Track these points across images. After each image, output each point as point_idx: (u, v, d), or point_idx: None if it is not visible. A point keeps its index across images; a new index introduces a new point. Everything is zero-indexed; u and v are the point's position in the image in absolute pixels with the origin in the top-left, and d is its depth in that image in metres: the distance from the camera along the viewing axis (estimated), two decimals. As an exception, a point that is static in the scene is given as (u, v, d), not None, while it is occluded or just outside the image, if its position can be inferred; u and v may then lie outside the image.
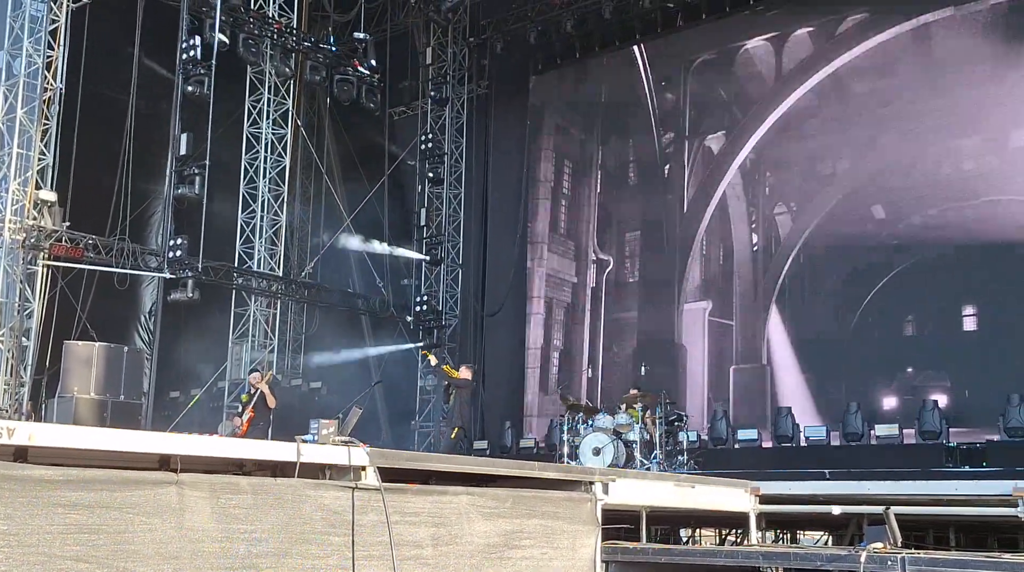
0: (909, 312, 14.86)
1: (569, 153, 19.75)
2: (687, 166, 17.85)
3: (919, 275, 14.66)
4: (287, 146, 17.90)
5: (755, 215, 17.03)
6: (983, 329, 14.14)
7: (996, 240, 13.93)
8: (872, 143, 15.55)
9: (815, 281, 15.95)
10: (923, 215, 14.89)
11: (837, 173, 15.87)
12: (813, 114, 16.38)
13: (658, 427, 12.54)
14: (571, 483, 6.87)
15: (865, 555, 6.11)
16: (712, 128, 17.79)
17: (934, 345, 14.51)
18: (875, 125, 15.51)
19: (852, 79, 16.07)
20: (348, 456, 5.39)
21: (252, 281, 17.26)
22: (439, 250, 20.09)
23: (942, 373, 14.08)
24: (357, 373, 18.17)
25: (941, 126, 14.81)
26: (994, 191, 14.34)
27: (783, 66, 16.91)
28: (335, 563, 4.99)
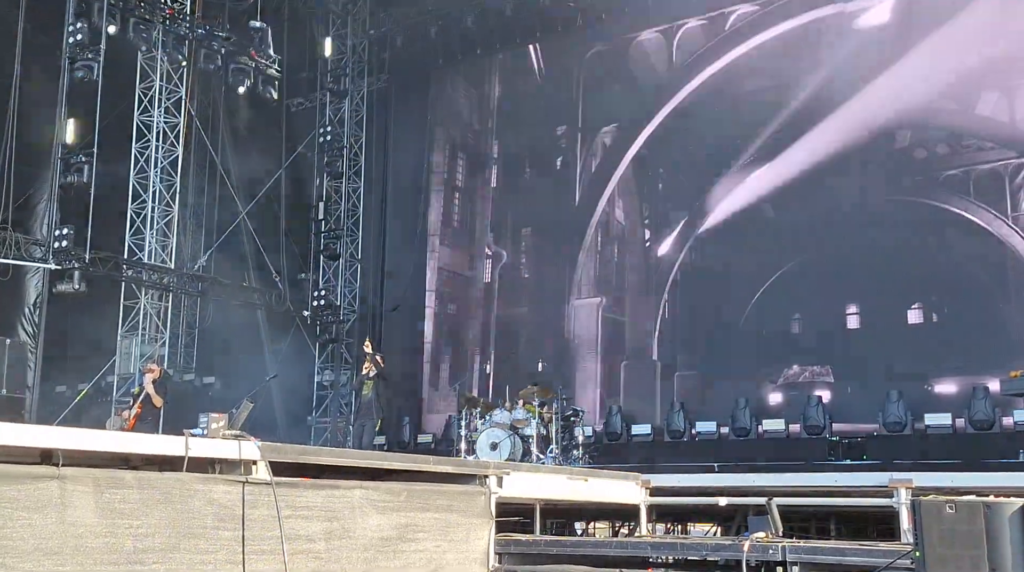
0: (795, 310, 15.41)
1: (464, 146, 19.77)
2: (579, 160, 18.03)
3: (805, 274, 15.17)
4: (179, 135, 17.38)
5: (647, 211, 17.35)
6: (865, 327, 14.76)
7: (879, 239, 14.56)
8: (764, 141, 15.92)
9: (705, 278, 16.30)
10: (810, 214, 15.42)
11: (729, 170, 16.24)
12: (706, 109, 16.69)
13: (554, 422, 12.72)
14: (466, 477, 6.93)
15: (748, 544, 6.36)
16: (605, 121, 17.92)
17: (819, 342, 15.04)
18: (766, 122, 15.84)
19: (744, 75, 16.38)
20: (239, 450, 5.34)
21: (142, 273, 16.72)
22: (337, 245, 19.87)
23: (826, 369, 14.66)
24: (252, 368, 17.82)
25: (832, 124, 15.14)
26: (880, 191, 14.87)
27: (675, 59, 17.21)
28: (224, 558, 4.93)
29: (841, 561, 6.06)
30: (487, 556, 6.72)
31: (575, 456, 12.81)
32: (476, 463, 7.60)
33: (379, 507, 5.92)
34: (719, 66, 16.39)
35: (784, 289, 15.20)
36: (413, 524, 6.13)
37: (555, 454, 12.42)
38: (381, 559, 5.85)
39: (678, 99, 16.77)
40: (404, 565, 6.00)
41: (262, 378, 15.59)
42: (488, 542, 6.73)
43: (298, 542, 5.37)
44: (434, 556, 6.23)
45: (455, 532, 6.47)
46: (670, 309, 16.40)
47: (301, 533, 5.40)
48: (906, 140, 14.77)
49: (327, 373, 19.64)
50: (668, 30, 17.21)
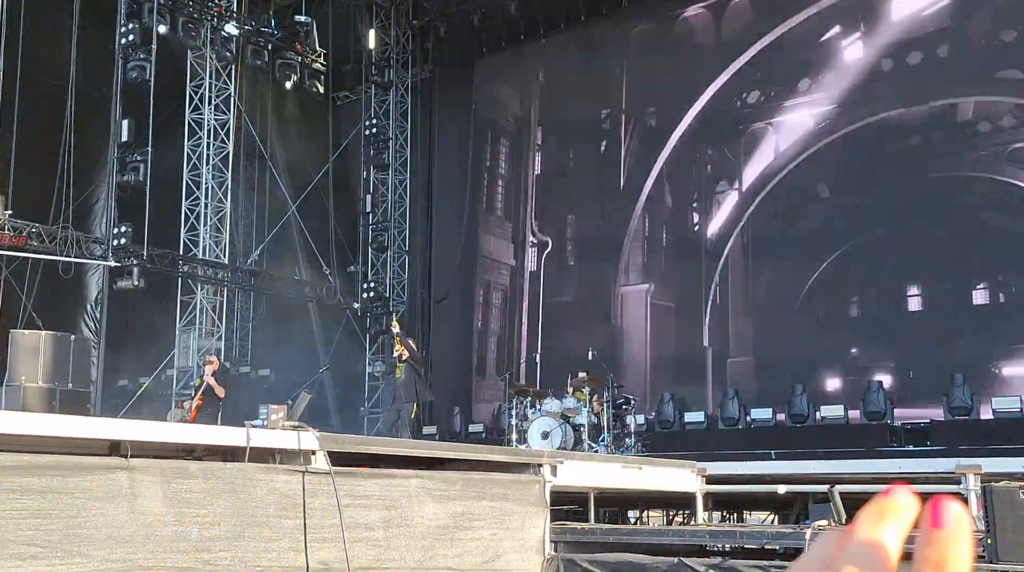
0: (854, 293, 15.12)
1: (507, 133, 19.71)
2: (624, 142, 17.87)
3: (864, 255, 14.83)
4: (230, 132, 17.65)
5: (696, 193, 17.12)
6: (927, 309, 14.45)
7: (941, 219, 14.22)
8: (817, 115, 15.62)
9: (758, 261, 16.07)
10: (869, 193, 15.09)
11: (780, 149, 15.98)
12: (755, 86, 16.43)
13: (605, 411, 12.69)
14: (520, 466, 6.98)
15: (810, 532, 6.31)
16: (650, 102, 17.71)
17: (879, 325, 14.73)
18: (819, 97, 15.52)
19: (794, 48, 16.06)
20: (298, 440, 5.43)
21: (198, 269, 17.04)
22: (385, 236, 20.01)
23: (887, 354, 14.38)
24: (305, 360, 18.06)
25: (889, 98, 14.79)
26: (941, 167, 14.53)
27: (723, 35, 16.95)
28: (287, 545, 5.03)
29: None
30: (543, 544, 6.75)
31: (627, 444, 12.78)
32: (530, 452, 7.64)
33: (435, 496, 5.99)
34: (768, 41, 16.07)
35: (841, 271, 14.90)
36: (469, 513, 6.18)
37: (607, 443, 12.40)
38: (439, 547, 5.91)
39: (726, 76, 16.48)
40: (461, 553, 6.06)
41: (315, 370, 15.84)
42: (543, 530, 6.77)
43: (357, 530, 5.45)
44: (490, 544, 6.28)
45: (511, 520, 6.52)
46: (720, 294, 16.20)
47: (360, 521, 5.48)
48: (969, 113, 14.34)
49: (378, 364, 19.81)
50: (715, 5, 16.95)
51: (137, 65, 15.48)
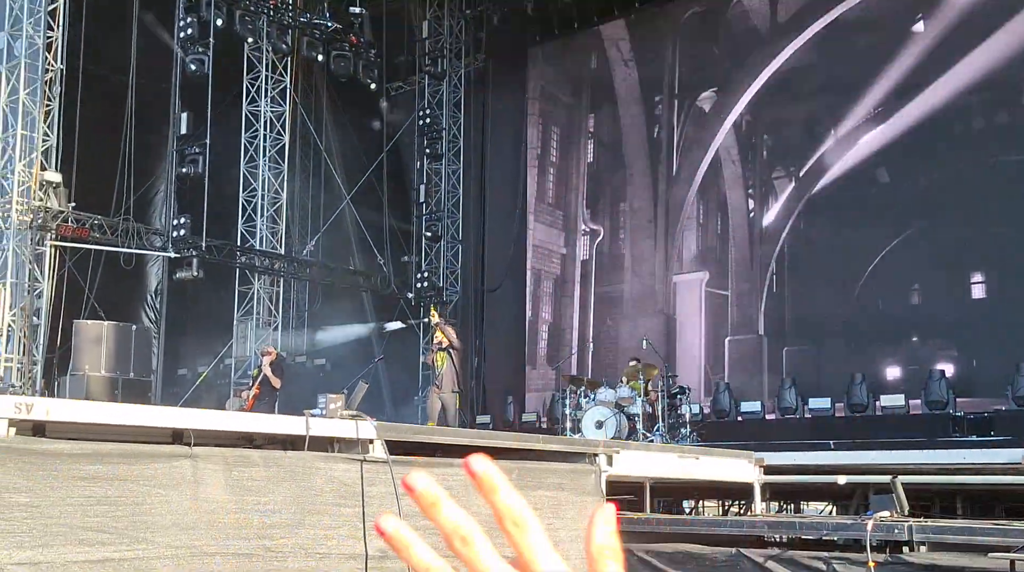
0: (915, 280, 14.77)
1: (558, 122, 19.59)
2: (677, 128, 17.65)
3: (925, 241, 14.46)
4: (285, 124, 17.86)
5: (751, 179, 16.84)
6: (991, 297, 14.06)
7: (1005, 204, 13.80)
8: (876, 100, 15.25)
9: (815, 248, 15.79)
10: (930, 177, 14.70)
11: (839, 134, 15.67)
12: (812, 70, 16.11)
13: (660, 400, 12.61)
14: (575, 455, 6.94)
15: (872, 523, 6.17)
16: (703, 86, 17.45)
17: (941, 314, 14.36)
18: (877, 80, 15.16)
19: (853, 30, 15.67)
20: (356, 429, 5.47)
21: (255, 259, 17.29)
22: (438, 226, 20.09)
23: (949, 342, 14.03)
24: (359, 349, 18.23)
25: (950, 80, 14.38)
26: (1005, 151, 14.10)
27: (778, 16, 16.64)
28: (347, 533, 5.07)
29: (971, 541, 5.83)
30: (600, 534, 6.71)
31: (683, 434, 12.68)
32: (586, 441, 7.61)
33: (492, 485, 5.97)
34: (826, 21, 15.73)
35: (901, 258, 14.53)
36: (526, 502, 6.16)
37: (662, 432, 12.32)
38: (495, 536, 5.90)
39: (781, 59, 16.16)
40: (518, 542, 6.05)
41: (369, 359, 15.97)
42: (600, 520, 6.72)
43: (415, 519, 5.39)
44: (548, 533, 6.24)
45: (567, 510, 6.49)
46: (777, 282, 15.96)
47: (417, 510, 5.47)
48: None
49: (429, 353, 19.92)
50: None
51: (196, 58, 15.73)
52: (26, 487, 3.89)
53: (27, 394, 12.18)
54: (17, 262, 13.64)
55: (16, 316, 13.43)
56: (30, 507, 3.89)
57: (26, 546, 3.85)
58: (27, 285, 13.62)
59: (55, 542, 3.94)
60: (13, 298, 13.43)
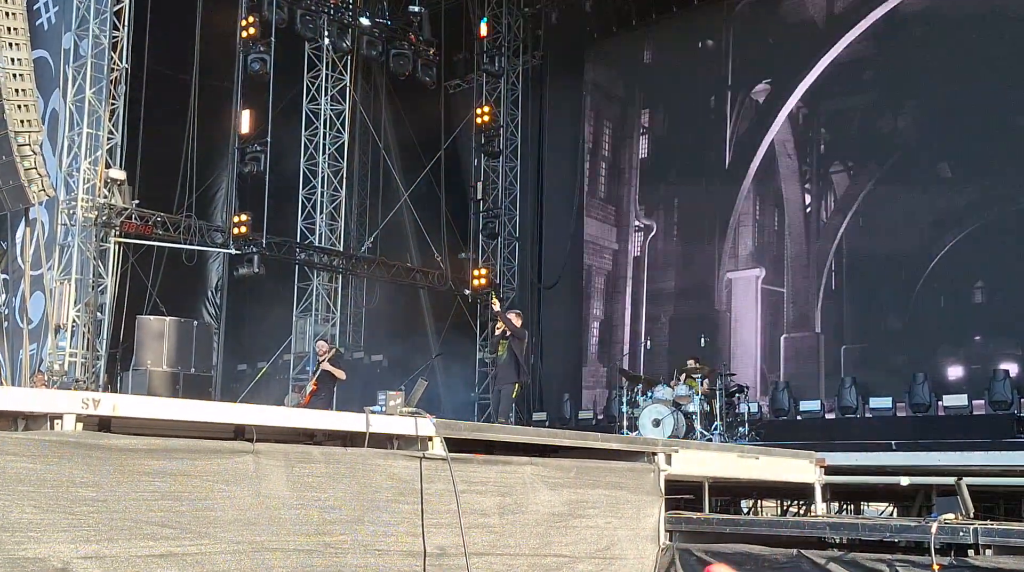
0: (978, 277, 14.36)
1: (612, 117, 19.42)
2: (730, 121, 17.36)
3: (989, 238, 14.02)
4: (345, 122, 18.05)
5: (808, 174, 16.50)
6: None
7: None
8: (937, 93, 14.89)
9: (874, 245, 15.39)
10: (994, 172, 14.27)
11: (899, 127, 15.25)
12: (871, 61, 15.72)
13: (718, 398, 12.47)
14: (634, 454, 6.91)
15: (936, 526, 6.03)
16: (758, 78, 17.07)
17: (1004, 312, 13.94)
18: (940, 72, 14.74)
19: (912, 21, 15.21)
20: (415, 427, 5.50)
21: (314, 256, 17.52)
22: (496, 223, 20.12)
23: (1013, 341, 13.63)
24: (417, 346, 18.35)
25: (1014, 71, 13.84)
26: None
27: (835, 7, 16.27)
28: (405, 530, 5.10)
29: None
30: (658, 533, 6.68)
31: (740, 433, 12.53)
32: (644, 440, 7.57)
33: (550, 483, 5.98)
34: (884, 11, 15.35)
35: (964, 254, 14.14)
36: (583, 500, 6.15)
37: (720, 431, 12.18)
38: (553, 534, 5.91)
39: (838, 50, 15.80)
40: (576, 541, 6.05)
41: (427, 356, 16.06)
42: (658, 519, 6.69)
43: (473, 516, 5.49)
44: (605, 532, 6.24)
45: (625, 509, 6.46)
46: (835, 278, 15.65)
47: (476, 508, 5.52)
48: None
49: (487, 350, 19.98)
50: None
51: (257, 58, 15.97)
52: (92, 481, 3.98)
53: (91, 389, 12.51)
54: (81, 259, 14.01)
55: (80, 312, 13.79)
56: (96, 501, 3.97)
57: (92, 540, 3.94)
58: (91, 281, 13.99)
59: (119, 536, 4.02)
60: (78, 294, 13.79)
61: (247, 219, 15.91)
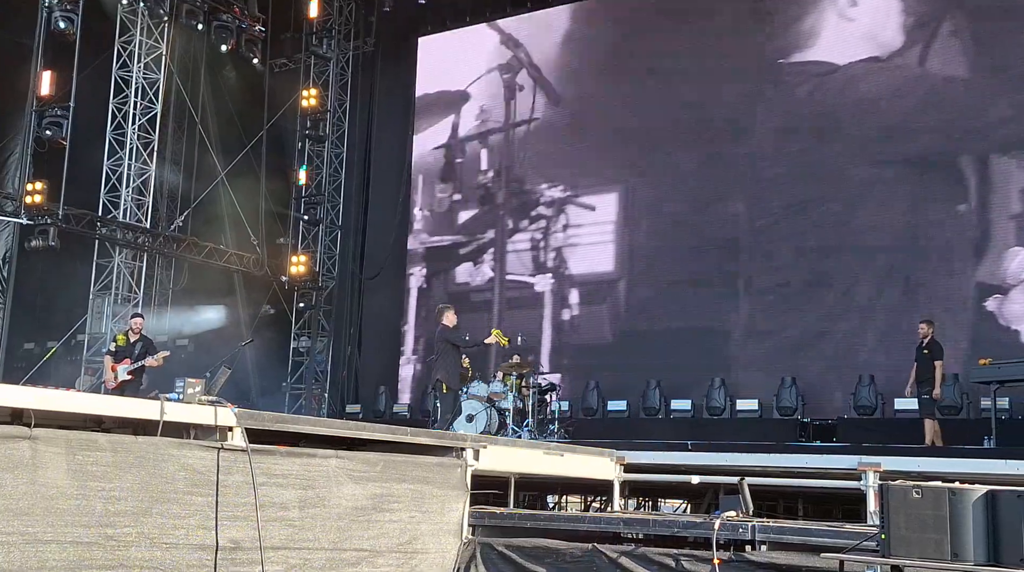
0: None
1: (442, 113, 19.22)
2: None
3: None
4: (159, 93, 17.07)
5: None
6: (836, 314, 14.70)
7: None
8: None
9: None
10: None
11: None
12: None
13: (531, 396, 12.72)
14: (443, 449, 6.93)
15: (719, 522, 6.41)
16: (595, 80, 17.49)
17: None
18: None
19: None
20: (215, 416, 5.30)
21: (117, 232, 16.50)
22: (318, 210, 19.70)
23: (800, 352, 14.63)
24: (227, 332, 17.69)
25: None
26: None
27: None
28: (197, 523, 4.90)
29: (807, 541, 6.13)
30: (461, 528, 6.73)
31: (551, 430, 12.83)
32: (454, 435, 7.59)
33: (355, 477, 5.91)
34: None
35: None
36: (388, 495, 6.12)
37: (531, 428, 12.43)
38: (355, 528, 5.84)
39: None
40: (377, 535, 6.00)
41: (237, 342, 15.48)
42: (462, 514, 6.74)
43: (272, 509, 5.35)
44: (408, 527, 6.23)
45: (430, 503, 6.48)
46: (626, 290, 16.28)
47: (275, 500, 5.38)
48: None
49: (303, 339, 19.55)
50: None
51: (64, 15, 14.87)
52: None
53: None
54: None
55: None
56: None
57: None
58: None
59: None
60: None
61: (42, 188, 14.80)
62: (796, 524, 6.81)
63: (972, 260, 13.58)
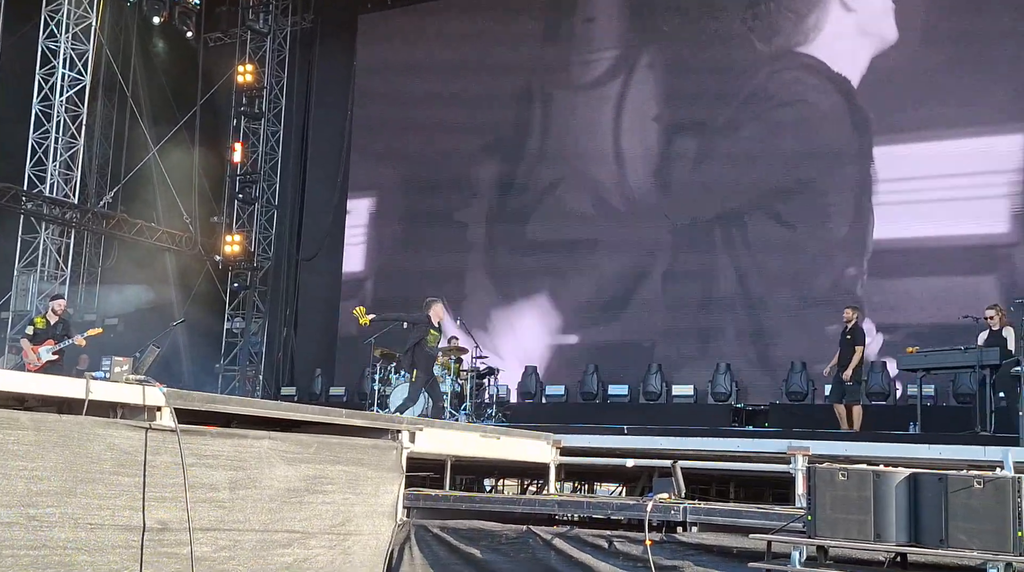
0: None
1: (379, 89, 18.97)
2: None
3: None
4: (88, 64, 16.53)
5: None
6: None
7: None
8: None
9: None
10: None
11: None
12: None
13: (469, 380, 12.70)
14: (378, 431, 6.88)
15: (651, 505, 6.49)
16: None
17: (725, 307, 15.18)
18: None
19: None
20: (142, 395, 5.19)
21: (43, 207, 15.99)
22: (253, 188, 19.35)
23: (737, 339, 14.88)
24: (158, 311, 17.30)
25: None
26: None
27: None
28: (124, 504, 4.80)
29: (737, 523, 6.24)
30: (395, 510, 6.70)
31: (488, 414, 12.84)
32: (389, 417, 7.55)
33: (287, 458, 5.83)
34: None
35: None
36: (322, 476, 6.05)
37: (468, 411, 12.42)
38: (286, 510, 5.77)
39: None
40: (310, 516, 5.94)
41: (168, 322, 15.16)
42: (397, 496, 6.71)
43: (201, 490, 5.26)
44: (341, 508, 6.18)
45: (364, 485, 6.43)
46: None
47: (205, 481, 5.29)
48: None
49: (237, 320, 19.23)
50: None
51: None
52: None
53: None
54: None
55: None
56: None
57: None
58: None
59: None
60: None
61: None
62: (726, 506, 6.94)
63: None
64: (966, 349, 9.92)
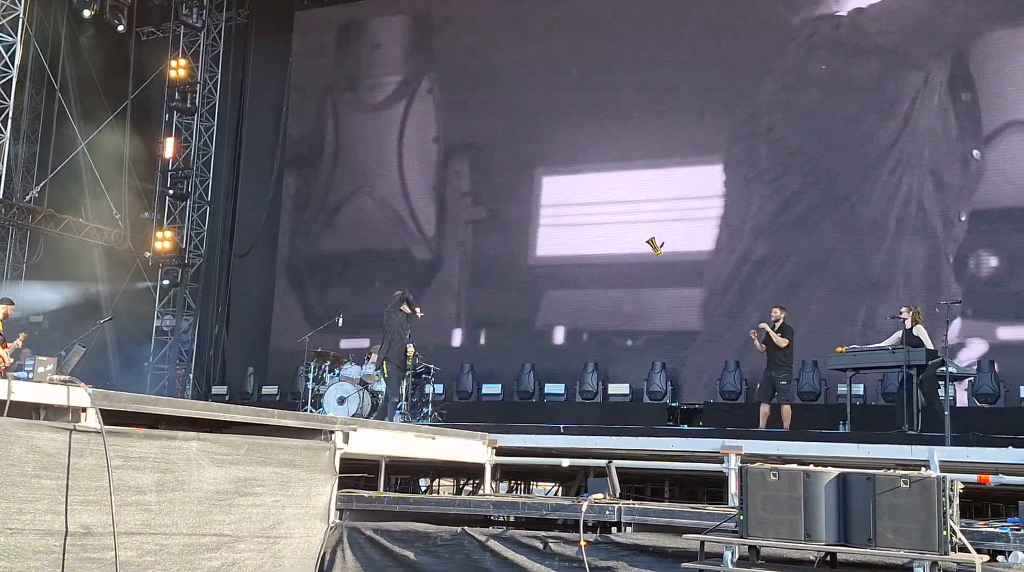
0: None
1: (321, 92, 18.76)
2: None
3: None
4: (15, 56, 16.00)
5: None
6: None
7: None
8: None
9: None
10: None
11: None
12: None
13: (406, 379, 12.60)
14: (311, 432, 6.79)
15: (586, 505, 6.52)
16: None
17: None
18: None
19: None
20: (67, 396, 5.05)
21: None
22: (185, 184, 18.96)
23: (672, 337, 15.02)
24: (85, 309, 16.86)
25: None
26: None
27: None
28: (46, 507, 4.66)
29: (671, 523, 6.30)
30: (328, 512, 6.62)
31: (424, 413, 12.76)
32: (322, 418, 7.45)
33: (217, 460, 5.72)
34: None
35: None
36: (252, 478, 5.95)
37: (403, 411, 12.33)
38: (216, 512, 5.66)
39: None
40: (239, 519, 5.83)
41: (96, 320, 14.79)
42: (330, 498, 6.63)
43: (127, 493, 5.13)
44: (272, 511, 6.08)
45: (296, 487, 6.34)
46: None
47: (131, 484, 5.16)
48: None
49: (167, 318, 18.81)
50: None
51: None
52: None
53: None
54: None
55: None
56: None
57: None
58: None
59: None
60: None
61: None
62: (660, 506, 7.00)
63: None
64: (894, 349, 10.15)
